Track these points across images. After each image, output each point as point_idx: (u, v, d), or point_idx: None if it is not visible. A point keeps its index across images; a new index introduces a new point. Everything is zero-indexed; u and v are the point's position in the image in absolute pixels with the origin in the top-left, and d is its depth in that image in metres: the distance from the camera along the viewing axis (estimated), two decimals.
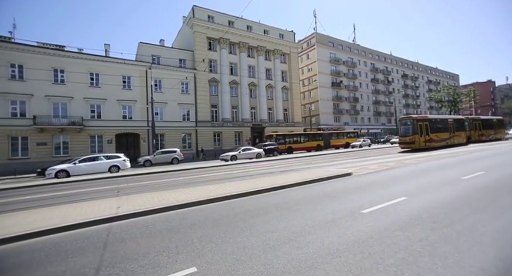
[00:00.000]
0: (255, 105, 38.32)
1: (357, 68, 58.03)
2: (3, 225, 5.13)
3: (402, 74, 69.13)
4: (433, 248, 3.20)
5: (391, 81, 65.16)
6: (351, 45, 58.99)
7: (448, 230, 3.72)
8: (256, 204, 6.02)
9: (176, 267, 3.07)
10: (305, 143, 32.47)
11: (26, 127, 22.90)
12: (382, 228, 3.90)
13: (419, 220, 4.20)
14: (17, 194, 11.00)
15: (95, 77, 26.56)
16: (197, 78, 32.63)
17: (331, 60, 53.36)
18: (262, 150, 24.88)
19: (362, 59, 59.88)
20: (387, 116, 62.73)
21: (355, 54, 58.63)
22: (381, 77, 63.20)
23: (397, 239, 3.51)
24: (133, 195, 7.71)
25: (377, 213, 4.66)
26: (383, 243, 3.39)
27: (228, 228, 4.41)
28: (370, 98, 60.38)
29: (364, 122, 58.17)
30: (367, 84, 60.28)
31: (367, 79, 60.49)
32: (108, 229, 4.79)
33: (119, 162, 17.91)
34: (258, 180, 9.14)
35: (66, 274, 3.07)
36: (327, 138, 35.01)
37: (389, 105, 62.43)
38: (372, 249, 3.22)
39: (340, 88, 53.82)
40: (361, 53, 60.16)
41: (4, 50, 22.70)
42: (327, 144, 34.47)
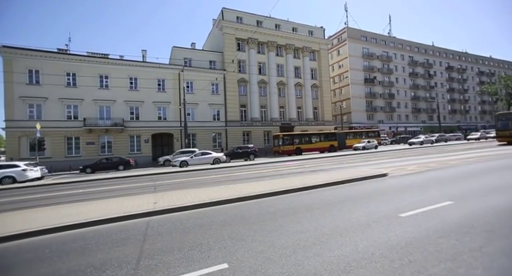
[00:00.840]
0: (283, 104, 38.02)
1: (392, 62, 54.36)
2: (62, 214, 5.79)
3: (447, 67, 63.03)
4: (489, 260, 2.84)
5: (432, 75, 59.87)
6: (386, 38, 55.44)
7: (509, 242, 3.28)
8: (286, 204, 5.97)
9: (208, 262, 3.17)
10: (316, 144, 30.40)
11: (78, 128, 25.56)
12: (424, 235, 3.60)
13: (469, 228, 3.78)
14: (72, 187, 12.35)
15: (134, 81, 28.63)
16: (226, 78, 33.37)
17: (364, 55, 50.69)
18: (222, 155, 22.07)
19: (399, 53, 55.90)
20: (428, 112, 57.82)
21: (390, 47, 54.97)
22: (420, 70, 58.41)
23: (441, 247, 3.21)
24: (168, 192, 8.16)
25: (417, 218, 4.32)
26: (425, 250, 3.13)
27: (257, 226, 4.44)
28: (408, 93, 56.17)
29: (401, 119, 54.32)
30: (405, 79, 56.15)
31: (405, 73, 56.33)
32: (147, 223, 5.12)
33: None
34: (287, 180, 9.05)
35: (112, 262, 3.36)
36: (342, 138, 32.55)
37: (430, 101, 57.38)
38: (412, 257, 2.98)
39: (374, 84, 50.89)
40: (397, 45, 56.18)
41: (62, 61, 25.62)
42: (342, 144, 31.98)
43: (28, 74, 24.53)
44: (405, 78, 56.22)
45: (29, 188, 13.55)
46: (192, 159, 20.46)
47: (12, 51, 24.04)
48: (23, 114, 24.10)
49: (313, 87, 40.48)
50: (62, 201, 8.23)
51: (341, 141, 32.07)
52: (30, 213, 6.33)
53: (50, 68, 25.13)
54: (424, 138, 32.18)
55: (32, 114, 24.47)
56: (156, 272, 3.01)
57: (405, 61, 56.73)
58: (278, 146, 29.18)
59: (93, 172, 20.81)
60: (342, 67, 50.79)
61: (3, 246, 4.35)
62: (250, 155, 24.42)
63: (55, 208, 6.80)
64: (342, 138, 32.48)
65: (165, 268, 3.08)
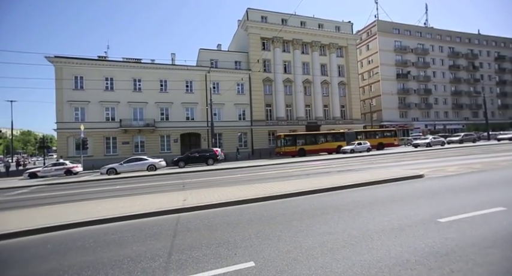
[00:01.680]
0: (309, 103, 37.28)
1: (429, 55, 50.36)
2: (103, 208, 6.30)
3: (496, 56, 56.67)
4: None
5: (478, 67, 54.32)
6: (422, 30, 51.50)
7: None
8: (313, 205, 5.84)
9: (235, 259, 3.22)
10: (322, 144, 28.68)
11: (115, 129, 27.55)
12: (469, 243, 3.28)
13: None
14: (110, 184, 13.36)
15: (164, 84, 30.08)
16: (252, 78, 33.60)
17: (396, 49, 47.65)
18: (158, 161, 19.76)
19: (436, 44, 51.61)
20: (472, 108, 52.68)
21: (427, 39, 50.95)
22: (462, 62, 53.34)
23: (492, 258, 2.88)
24: (197, 190, 8.44)
25: (460, 224, 3.95)
26: (470, 260, 2.85)
27: (284, 226, 4.41)
28: (448, 88, 51.69)
29: (439, 116, 50.19)
30: (444, 72, 51.74)
31: (444, 66, 51.89)
32: (177, 219, 5.36)
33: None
34: (314, 180, 8.86)
35: (146, 254, 3.57)
36: (352, 138, 29.82)
37: (475, 95, 52.01)
38: (455, 266, 2.74)
39: (407, 80, 47.61)
40: (435, 37, 51.87)
41: (101, 67, 27.84)
42: None
43: (74, 80, 27.01)
44: (444, 71, 51.78)
45: (76, 183, 14.92)
46: (121, 166, 18.88)
47: (62, 61, 26.66)
48: (70, 117, 26.61)
49: (340, 84, 39.12)
50: (102, 197, 8.95)
51: (350, 141, 29.29)
52: (77, 206, 6.96)
53: (92, 74, 27.41)
54: (432, 139, 28.59)
55: (77, 116, 26.92)
56: (186, 266, 3.13)
57: (444, 53, 52.21)
58: (280, 147, 28.13)
59: None
60: (371, 63, 48.33)
61: (61, 233, 4.84)
62: (208, 160, 22.38)
63: (97, 202, 7.40)
64: (352, 138, 29.77)
65: (194, 263, 3.19)
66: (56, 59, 26.47)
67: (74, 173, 20.80)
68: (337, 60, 39.22)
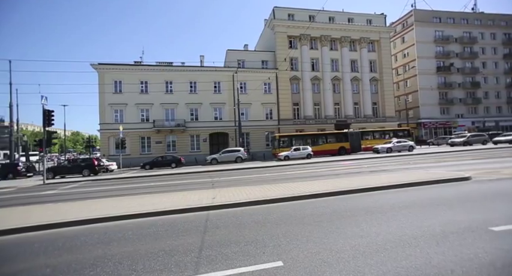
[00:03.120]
0: (338, 101, 35.99)
1: (477, 44, 45.17)
2: (139, 203, 6.75)
3: None
4: None
5: None
6: (469, 16, 46.29)
7: None
8: (343, 206, 5.63)
9: (264, 258, 3.23)
10: (321, 146, 26.69)
11: (149, 129, 29.32)
12: None
13: None
14: (145, 181, 14.27)
15: (193, 85, 31.24)
16: (279, 77, 33.40)
17: (437, 39, 43.67)
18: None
19: (487, 31, 45.98)
20: None
21: (475, 26, 45.62)
22: None
23: None
24: (225, 189, 8.63)
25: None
26: None
27: (313, 227, 4.31)
28: (502, 80, 45.97)
29: (490, 112, 44.98)
30: (496, 62, 46.07)
31: (497, 56, 46.13)
32: (207, 216, 5.53)
33: None
34: (345, 180, 8.54)
35: (179, 248, 3.74)
36: (356, 138, 27.56)
37: None
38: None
39: (450, 73, 43.45)
40: (486, 23, 46.10)
41: (137, 71, 29.83)
42: (356, 146, 27.29)
43: (114, 85, 29.30)
44: (497, 61, 46.04)
45: (115, 180, 16.19)
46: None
47: (105, 67, 29.10)
48: (110, 118, 28.93)
49: (372, 80, 37.13)
50: (138, 193, 9.58)
51: (355, 143, 27.22)
52: (115, 201, 7.54)
53: (129, 78, 29.48)
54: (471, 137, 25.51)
55: (116, 118, 29.16)
56: (216, 262, 3.21)
57: (497, 40, 46.30)
58: (275, 149, 26.88)
59: (152, 168, 23.42)
60: (407, 56, 45.04)
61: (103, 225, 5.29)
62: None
63: (133, 198, 7.94)
64: (356, 139, 27.45)
65: (223, 260, 3.26)
66: (99, 65, 28.94)
67: (110, 170, 22.56)
68: (369, 55, 37.28)
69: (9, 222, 5.52)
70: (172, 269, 3.09)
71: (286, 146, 26.01)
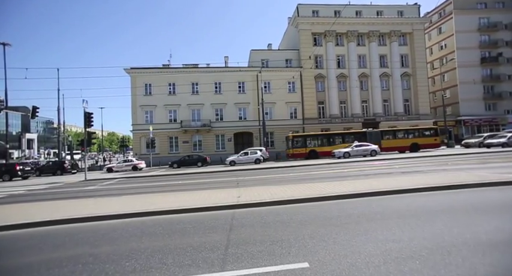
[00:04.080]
0: (366, 98, 34.44)
1: None
2: (169, 201, 7.08)
3: None
4: None
5: None
6: None
7: None
8: (372, 208, 5.39)
9: (289, 259, 3.20)
10: (337, 146, 25.22)
11: (176, 129, 30.57)
12: None
13: None
14: (173, 179, 14.91)
15: (218, 86, 31.93)
16: (303, 76, 32.87)
17: (482, 27, 39.27)
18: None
19: None
20: None
21: None
22: None
23: None
24: (250, 188, 8.71)
25: None
26: None
27: (340, 229, 4.19)
28: None
29: None
30: None
31: None
32: (232, 214, 5.63)
33: None
34: (374, 181, 8.17)
35: (206, 245, 3.86)
36: (375, 138, 25.67)
37: None
38: None
39: (498, 64, 38.91)
40: None
41: (166, 74, 31.25)
42: None
43: (144, 87, 31.00)
44: None
45: (146, 177, 17.14)
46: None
47: (136, 71, 30.94)
48: (141, 119, 30.67)
49: (403, 76, 34.95)
50: (167, 190, 10.05)
51: (374, 143, 25.08)
52: (148, 198, 7.99)
53: (158, 81, 30.98)
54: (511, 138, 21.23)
55: (147, 119, 30.83)
56: (241, 260, 3.26)
57: None
58: (289, 149, 26.19)
59: (179, 167, 24.31)
60: (444, 48, 41.55)
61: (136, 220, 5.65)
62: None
63: (163, 195, 8.35)
64: (376, 139, 25.52)
65: (249, 258, 3.30)
66: (131, 70, 30.81)
67: (139, 168, 23.89)
68: (400, 49, 35.12)
69: (58, 214, 6.12)
70: (200, 264, 3.19)
71: (300, 146, 25.35)
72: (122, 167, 23.86)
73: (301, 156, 24.99)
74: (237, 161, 23.12)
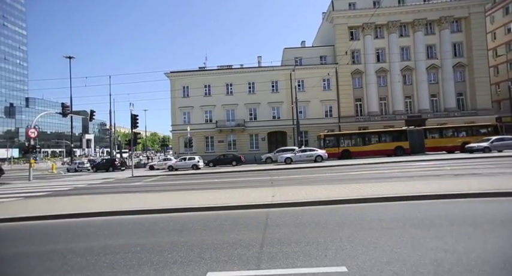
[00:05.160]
0: (410, 94, 31.65)
1: None
2: (207, 198, 7.39)
3: None
4: None
5: None
6: None
7: None
8: (419, 213, 4.95)
9: (326, 261, 3.10)
10: (374, 145, 23.62)
11: (212, 129, 31.74)
12: None
13: None
14: (209, 177, 15.52)
15: (252, 86, 32.28)
16: (339, 72, 31.51)
17: None
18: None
19: None
20: None
21: None
22: None
23: None
24: (284, 187, 8.65)
25: None
26: None
27: (381, 233, 3.92)
28: None
29: None
30: None
31: None
32: (267, 213, 5.64)
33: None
34: (419, 184, 7.48)
35: (241, 242, 3.94)
36: (417, 137, 23.23)
37: None
38: None
39: None
40: None
41: (201, 76, 32.67)
42: (416, 146, 22.95)
43: (182, 90, 32.81)
44: None
45: (186, 175, 18.13)
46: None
47: (175, 74, 32.93)
48: (180, 120, 32.53)
49: (456, 67, 31.24)
50: (204, 188, 10.49)
51: (415, 142, 23.04)
52: (187, 195, 8.43)
53: (195, 83, 32.52)
54: None
55: (185, 119, 32.59)
56: (276, 259, 3.25)
57: None
58: (320, 148, 24.55)
59: (215, 166, 25.04)
60: (511, 32, 36.01)
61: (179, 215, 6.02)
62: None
63: (201, 192, 8.74)
64: (418, 138, 23.26)
65: (284, 258, 3.27)
66: (171, 74, 32.86)
67: None
68: (452, 37, 31.45)
69: (111, 206, 6.82)
70: (236, 261, 3.27)
71: (332, 145, 24.24)
72: (162, 165, 25.53)
73: (334, 156, 24.01)
74: (274, 158, 23.98)
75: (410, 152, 23.25)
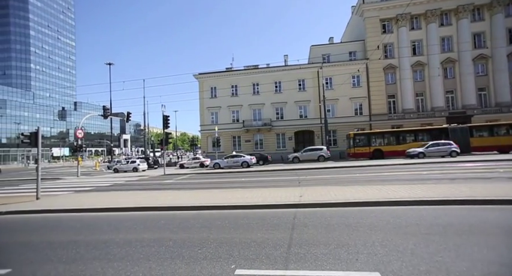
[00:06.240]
0: (452, 88, 28.96)
1: None
2: (235, 197, 7.53)
3: None
4: None
5: None
6: None
7: None
8: (462, 218, 4.52)
9: (357, 266, 2.97)
10: (408, 145, 21.63)
11: (239, 129, 32.19)
12: None
13: None
14: (237, 176, 15.77)
15: (278, 85, 32.08)
16: (369, 68, 29.97)
17: None
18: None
19: None
20: None
21: None
22: None
23: None
24: (312, 187, 8.46)
25: None
26: None
27: (419, 239, 3.65)
28: None
29: None
30: None
31: None
32: (294, 213, 5.58)
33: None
34: (463, 187, 6.83)
35: (269, 242, 3.94)
36: (461, 135, 20.94)
37: None
38: None
39: None
40: None
41: (228, 77, 33.31)
42: (461, 145, 20.01)
43: (210, 91, 33.76)
44: None
45: (214, 174, 18.64)
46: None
47: (204, 76, 34.02)
48: (208, 120, 33.52)
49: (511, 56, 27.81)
50: (232, 187, 10.70)
51: (459, 141, 20.43)
52: (215, 193, 8.66)
53: (222, 84, 33.25)
54: None
55: (212, 119, 33.49)
56: (305, 261, 3.20)
57: None
58: (349, 148, 23.57)
59: None
60: None
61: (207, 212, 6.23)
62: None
63: (230, 191, 8.92)
64: (462, 136, 20.93)
65: (313, 260, 3.20)
66: (199, 75, 34.00)
67: (206, 165, 25.91)
68: (506, 21, 28.03)
69: (146, 202, 7.27)
70: (264, 260, 3.28)
71: (363, 145, 22.95)
72: (192, 164, 26.54)
73: (364, 156, 22.88)
74: (301, 158, 23.81)
75: None
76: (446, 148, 19.57)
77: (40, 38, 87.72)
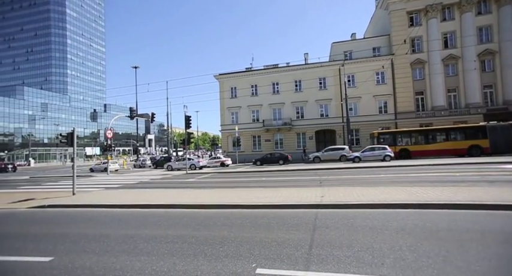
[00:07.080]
0: (491, 82, 26.69)
1: None
2: (255, 196, 7.56)
3: None
4: None
5: None
6: None
7: None
8: (506, 225, 4.14)
9: (383, 270, 2.84)
10: (439, 144, 20.57)
11: (259, 129, 32.23)
12: None
13: None
14: (257, 176, 15.82)
15: (298, 84, 31.63)
16: (395, 64, 28.53)
17: None
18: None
19: None
20: None
21: None
22: None
23: None
24: (334, 188, 8.25)
25: None
26: None
27: (452, 246, 3.40)
28: None
29: None
30: None
31: None
32: (315, 214, 5.47)
33: None
34: (504, 190, 6.26)
35: (289, 242, 3.90)
36: (502, 134, 19.23)
37: None
38: None
39: None
40: None
41: (248, 77, 33.49)
42: (501, 145, 18.89)
43: (230, 91, 34.17)
44: None
45: (235, 173, 18.86)
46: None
47: (224, 76, 34.53)
48: (228, 120, 33.96)
49: None
50: (252, 186, 10.74)
51: (499, 140, 19.00)
52: (237, 192, 8.76)
53: (242, 84, 33.49)
54: None
55: (233, 119, 33.87)
56: (327, 262, 3.12)
57: None
58: None
59: (262, 164, 25.12)
60: None
61: (227, 211, 6.32)
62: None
63: (250, 190, 8.97)
64: (503, 135, 19.26)
65: (335, 262, 3.12)
66: (220, 76, 34.56)
67: (226, 165, 26.21)
68: None
69: (170, 200, 7.54)
70: (285, 260, 3.25)
71: (388, 144, 21.60)
72: (212, 163, 27.03)
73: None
74: (322, 157, 23.40)
75: (491, 152, 19.53)
76: (381, 152, 20.00)
77: (75, 45, 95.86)
